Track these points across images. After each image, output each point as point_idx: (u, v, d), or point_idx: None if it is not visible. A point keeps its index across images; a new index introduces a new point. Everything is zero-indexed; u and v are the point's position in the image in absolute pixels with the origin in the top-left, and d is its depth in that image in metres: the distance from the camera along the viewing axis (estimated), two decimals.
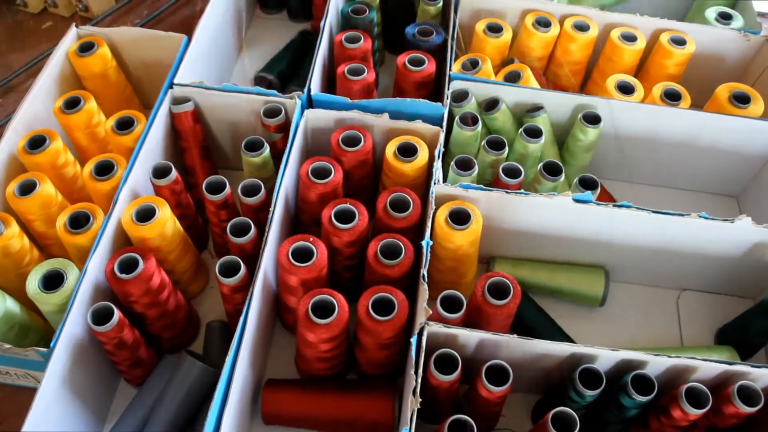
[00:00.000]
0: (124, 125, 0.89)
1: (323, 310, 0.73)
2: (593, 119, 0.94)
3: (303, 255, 0.76)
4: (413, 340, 0.70)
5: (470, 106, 0.94)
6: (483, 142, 0.90)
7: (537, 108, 0.96)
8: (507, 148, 0.89)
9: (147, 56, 1.03)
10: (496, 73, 1.03)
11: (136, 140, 0.87)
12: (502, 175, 0.86)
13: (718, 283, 0.95)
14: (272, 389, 0.80)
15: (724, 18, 1.11)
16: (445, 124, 0.89)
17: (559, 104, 0.96)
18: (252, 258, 0.78)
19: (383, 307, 0.74)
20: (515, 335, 0.71)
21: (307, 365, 0.80)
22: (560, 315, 0.91)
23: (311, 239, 0.77)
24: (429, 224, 0.80)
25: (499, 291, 0.76)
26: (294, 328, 0.85)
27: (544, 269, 0.93)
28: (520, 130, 0.91)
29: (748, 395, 0.69)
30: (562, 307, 0.93)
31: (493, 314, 0.74)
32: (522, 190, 0.83)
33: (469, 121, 0.91)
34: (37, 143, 0.86)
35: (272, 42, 1.25)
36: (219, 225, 0.86)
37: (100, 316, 0.72)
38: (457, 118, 0.91)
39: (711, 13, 1.11)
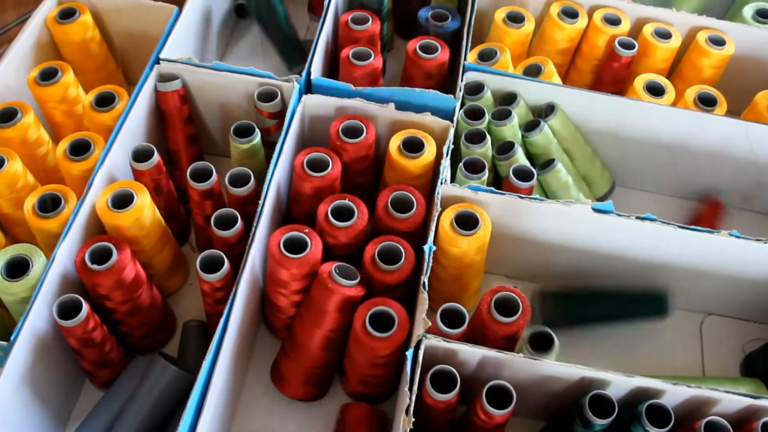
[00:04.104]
0: (104, 101, 0.89)
1: (346, 270, 0.75)
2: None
3: (296, 247, 0.76)
4: (409, 353, 0.70)
5: (485, 100, 0.94)
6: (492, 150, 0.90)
7: (550, 108, 0.96)
8: (515, 151, 0.89)
9: (133, 27, 1.03)
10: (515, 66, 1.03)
11: (116, 119, 0.87)
12: (513, 177, 0.86)
13: (748, 308, 0.95)
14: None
15: (763, 17, 1.10)
16: (456, 118, 0.89)
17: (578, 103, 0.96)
18: (237, 254, 0.78)
19: (381, 321, 0.74)
20: (520, 354, 0.71)
21: (303, 361, 0.80)
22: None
23: (306, 230, 0.77)
24: (433, 227, 0.80)
25: (506, 307, 0.75)
26: (281, 331, 0.86)
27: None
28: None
29: None
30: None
31: (501, 332, 0.74)
32: (536, 196, 0.83)
33: (474, 116, 0.91)
34: (7, 116, 0.86)
35: None
36: (203, 216, 0.86)
37: (67, 310, 0.71)
38: (461, 112, 0.91)
39: (748, 10, 1.10)
